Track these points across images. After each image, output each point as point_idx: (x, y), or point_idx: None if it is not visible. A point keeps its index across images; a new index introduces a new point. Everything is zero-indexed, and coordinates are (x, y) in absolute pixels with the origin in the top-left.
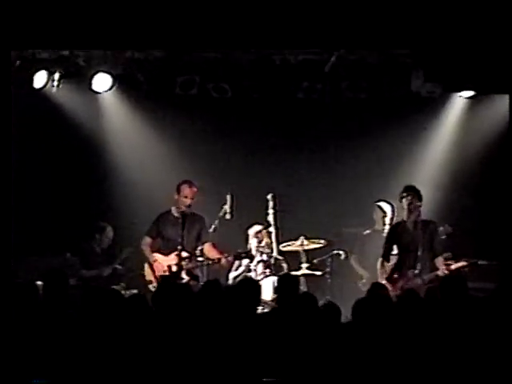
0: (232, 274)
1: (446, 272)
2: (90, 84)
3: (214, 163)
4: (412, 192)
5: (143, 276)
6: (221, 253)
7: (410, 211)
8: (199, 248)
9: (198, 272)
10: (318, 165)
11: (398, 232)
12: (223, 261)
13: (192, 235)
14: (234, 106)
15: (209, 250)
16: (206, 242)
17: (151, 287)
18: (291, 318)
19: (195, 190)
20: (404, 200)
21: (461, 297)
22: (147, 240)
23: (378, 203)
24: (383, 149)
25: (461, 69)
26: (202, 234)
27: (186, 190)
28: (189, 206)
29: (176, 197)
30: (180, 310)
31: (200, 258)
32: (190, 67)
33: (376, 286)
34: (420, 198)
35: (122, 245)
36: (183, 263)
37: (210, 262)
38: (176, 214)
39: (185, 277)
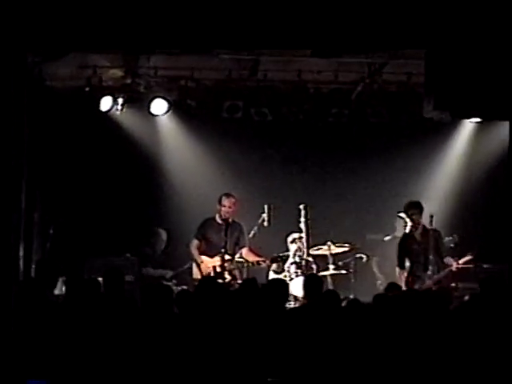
0: (272, 275)
1: (458, 266)
2: (149, 108)
3: (255, 178)
4: (418, 208)
5: (191, 274)
6: (258, 256)
7: (417, 224)
8: (238, 251)
9: (237, 273)
10: (344, 179)
11: (408, 242)
12: (262, 264)
13: (232, 240)
14: (272, 128)
15: (247, 254)
16: (243, 247)
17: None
18: (317, 313)
19: (233, 200)
20: (412, 216)
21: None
22: (195, 242)
23: (400, 214)
24: (400, 165)
25: (467, 98)
26: (241, 240)
27: (225, 201)
28: (229, 214)
29: (218, 207)
30: (219, 305)
31: (240, 260)
32: (235, 93)
33: (391, 286)
34: (422, 213)
35: (175, 246)
36: (226, 265)
37: (250, 264)
38: (219, 221)
39: (227, 277)
